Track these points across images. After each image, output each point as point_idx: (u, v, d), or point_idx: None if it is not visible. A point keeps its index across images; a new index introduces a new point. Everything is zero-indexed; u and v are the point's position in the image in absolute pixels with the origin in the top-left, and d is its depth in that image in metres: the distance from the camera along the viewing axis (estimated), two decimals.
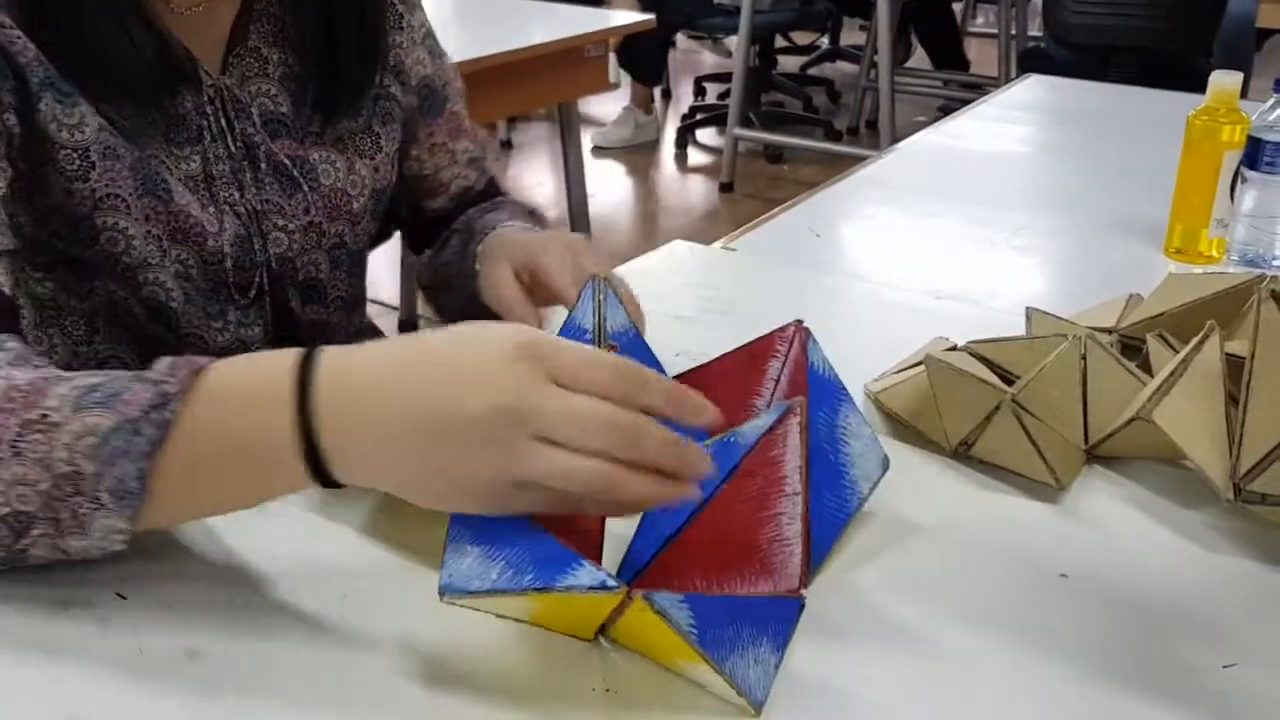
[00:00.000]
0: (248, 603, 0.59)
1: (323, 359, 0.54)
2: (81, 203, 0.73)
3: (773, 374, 0.69)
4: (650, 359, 0.71)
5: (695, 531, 0.58)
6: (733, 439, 0.60)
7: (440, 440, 0.52)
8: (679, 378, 0.68)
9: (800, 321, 0.68)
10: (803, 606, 0.57)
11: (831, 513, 0.64)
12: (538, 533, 0.54)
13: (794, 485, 0.58)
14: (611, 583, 0.49)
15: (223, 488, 0.56)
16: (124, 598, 0.58)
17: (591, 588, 0.49)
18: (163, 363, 0.56)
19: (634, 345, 0.72)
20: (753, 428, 0.60)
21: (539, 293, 0.77)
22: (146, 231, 0.75)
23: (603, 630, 0.56)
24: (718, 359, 0.71)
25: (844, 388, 0.68)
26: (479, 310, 0.78)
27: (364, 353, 0.55)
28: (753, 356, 0.70)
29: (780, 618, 0.56)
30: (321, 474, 0.54)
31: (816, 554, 0.62)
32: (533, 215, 0.96)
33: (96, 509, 0.54)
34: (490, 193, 1.01)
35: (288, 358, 0.54)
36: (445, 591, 0.51)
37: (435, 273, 0.97)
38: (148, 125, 0.75)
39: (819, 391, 0.66)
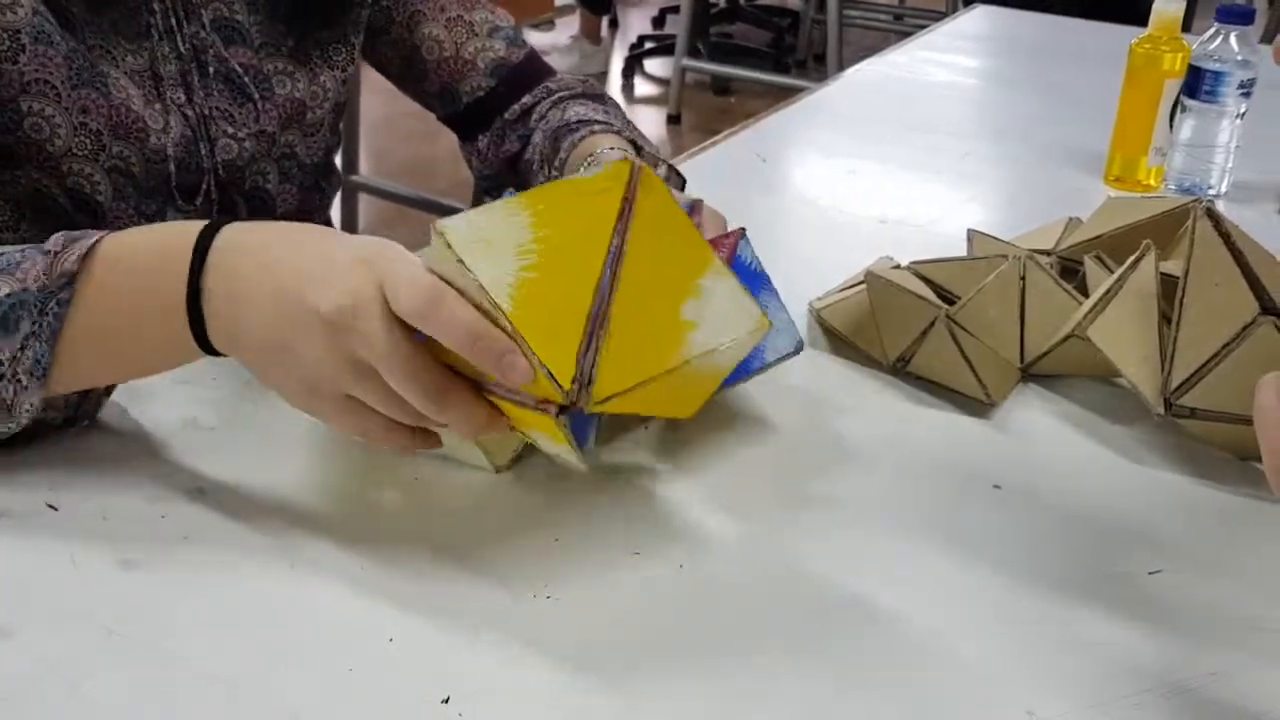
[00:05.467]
0: (182, 513, 0.58)
1: (226, 229, 0.56)
2: (8, 85, 0.71)
3: None
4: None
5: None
6: None
7: (285, 316, 0.53)
8: None
9: (742, 229, 0.68)
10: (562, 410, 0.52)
11: None
12: None
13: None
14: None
15: (124, 353, 0.58)
16: (55, 509, 0.58)
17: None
18: (57, 238, 0.58)
19: None
20: None
21: None
22: (81, 123, 0.73)
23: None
24: None
25: (768, 279, 0.69)
26: None
27: (265, 225, 0.57)
28: None
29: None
30: (201, 336, 0.56)
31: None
32: (605, 104, 0.93)
33: (20, 389, 0.57)
34: (536, 70, 0.96)
35: (192, 227, 0.56)
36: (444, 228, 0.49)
37: (506, 168, 0.95)
38: (97, 14, 0.74)
39: (741, 277, 0.66)
